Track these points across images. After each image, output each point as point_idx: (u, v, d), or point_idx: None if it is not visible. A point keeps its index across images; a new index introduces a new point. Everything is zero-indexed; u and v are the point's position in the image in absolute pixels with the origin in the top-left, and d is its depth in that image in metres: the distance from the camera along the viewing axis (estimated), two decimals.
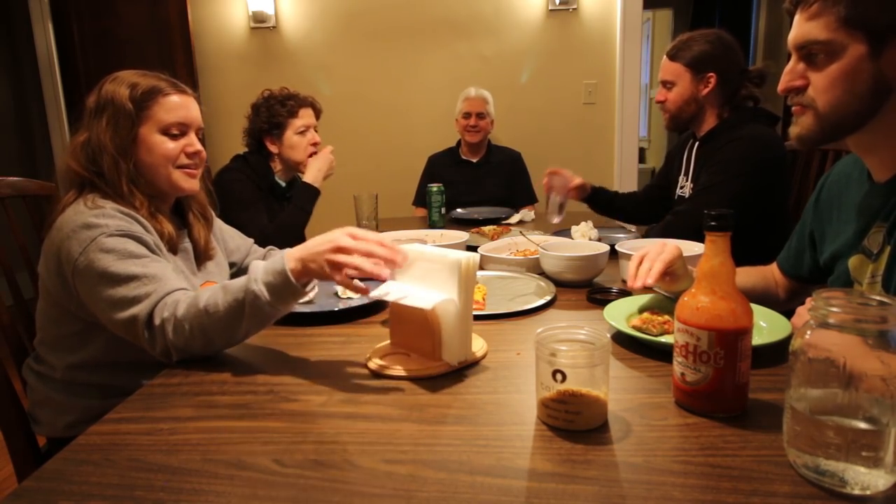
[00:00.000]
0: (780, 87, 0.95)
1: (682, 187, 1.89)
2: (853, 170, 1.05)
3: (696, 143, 1.83)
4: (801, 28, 0.91)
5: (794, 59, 0.93)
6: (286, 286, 0.91)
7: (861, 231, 0.97)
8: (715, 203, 1.56)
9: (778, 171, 1.65)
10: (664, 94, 1.81)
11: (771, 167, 1.63)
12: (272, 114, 2.00)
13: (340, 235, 0.90)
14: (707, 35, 1.77)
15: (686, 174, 1.87)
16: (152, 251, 1.07)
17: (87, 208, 1.06)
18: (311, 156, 2.07)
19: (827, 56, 0.88)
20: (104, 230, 1.03)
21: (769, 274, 1.28)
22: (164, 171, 1.17)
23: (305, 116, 2.05)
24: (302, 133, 2.04)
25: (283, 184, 2.12)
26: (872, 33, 0.85)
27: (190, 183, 1.20)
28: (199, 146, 1.21)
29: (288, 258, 0.92)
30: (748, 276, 1.25)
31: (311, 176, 2.00)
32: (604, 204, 2.10)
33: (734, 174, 1.61)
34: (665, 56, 1.81)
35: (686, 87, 1.76)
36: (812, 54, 0.90)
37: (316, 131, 2.10)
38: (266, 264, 0.94)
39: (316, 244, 0.91)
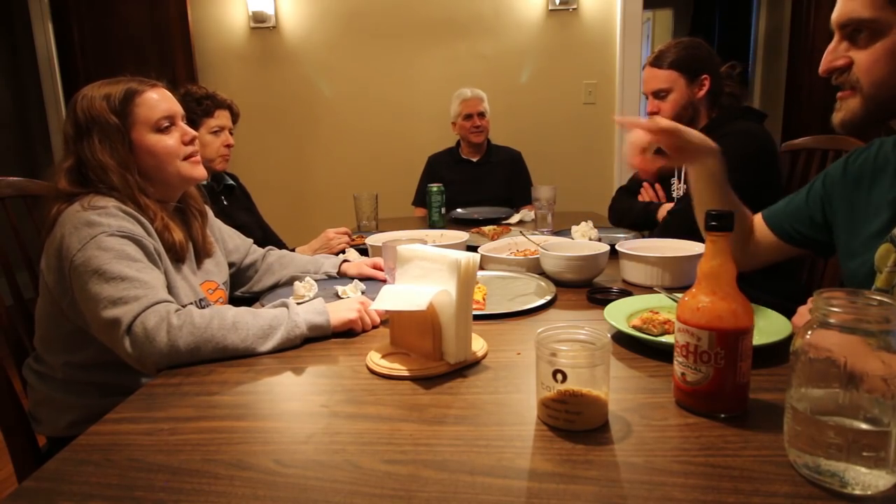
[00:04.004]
0: (822, 67, 0.92)
1: (676, 190, 1.91)
2: (893, 153, 1.01)
3: None
4: (844, 6, 0.88)
5: (836, 38, 0.91)
6: (323, 331, 1.06)
7: (892, 220, 0.95)
8: None
9: (770, 164, 1.65)
10: (656, 104, 1.80)
11: (764, 161, 1.63)
12: (186, 110, 1.94)
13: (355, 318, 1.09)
14: (687, 41, 1.80)
15: (679, 177, 1.88)
16: (150, 257, 1.07)
17: (90, 206, 1.06)
18: (223, 155, 2.02)
19: (871, 34, 0.86)
20: (105, 229, 1.03)
21: (747, 218, 1.22)
22: (172, 167, 1.18)
23: (221, 118, 2.02)
24: (215, 133, 2.00)
25: (205, 182, 1.98)
26: None
27: (199, 170, 1.22)
28: (192, 132, 1.22)
29: (330, 313, 1.07)
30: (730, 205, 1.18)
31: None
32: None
33: (727, 170, 1.62)
34: (650, 66, 1.80)
35: (682, 93, 1.76)
36: (856, 32, 0.87)
37: (231, 134, 2.06)
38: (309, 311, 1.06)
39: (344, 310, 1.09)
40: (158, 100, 1.17)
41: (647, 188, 2.01)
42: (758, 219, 1.23)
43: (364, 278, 1.43)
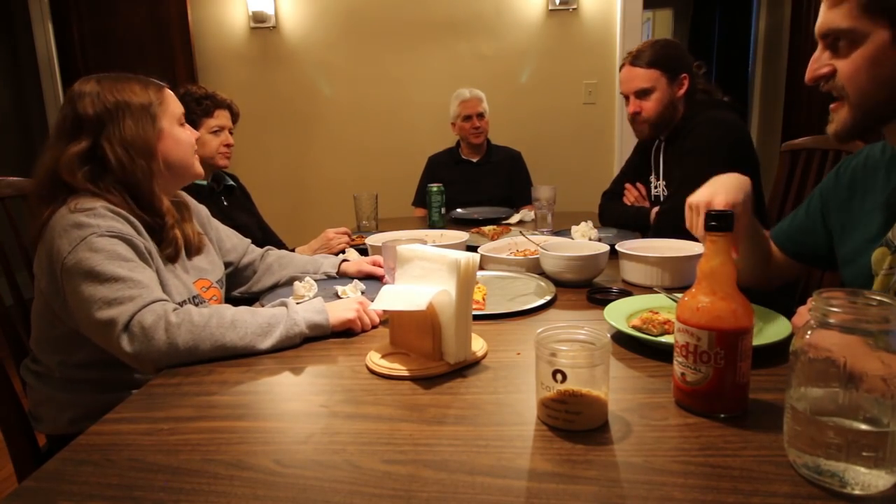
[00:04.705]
0: (808, 76, 0.95)
1: (655, 188, 1.92)
2: (882, 157, 1.02)
3: (663, 144, 1.85)
4: (824, 16, 0.90)
5: (819, 47, 0.93)
6: (322, 329, 1.06)
7: (887, 223, 0.96)
8: None
9: (745, 150, 1.67)
10: (638, 104, 1.79)
11: (736, 148, 1.65)
12: (186, 110, 1.92)
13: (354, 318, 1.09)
14: (662, 41, 1.81)
15: (657, 174, 1.89)
16: (141, 256, 1.07)
17: (76, 209, 1.05)
18: (223, 154, 2.03)
19: (849, 43, 0.88)
20: (95, 230, 1.02)
21: (765, 239, 1.20)
22: (191, 159, 1.25)
23: (221, 117, 2.03)
24: (215, 133, 2.01)
25: (205, 183, 2.02)
26: (895, 20, 0.84)
27: (200, 165, 1.29)
28: (194, 131, 1.29)
29: (329, 312, 1.07)
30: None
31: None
32: None
33: (707, 163, 1.62)
34: (629, 66, 1.80)
35: (665, 92, 1.77)
36: (836, 42, 0.89)
37: (231, 134, 2.07)
38: (308, 310, 1.06)
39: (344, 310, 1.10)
40: (176, 98, 1.25)
41: (630, 189, 2.02)
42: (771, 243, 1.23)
43: (364, 277, 1.43)
